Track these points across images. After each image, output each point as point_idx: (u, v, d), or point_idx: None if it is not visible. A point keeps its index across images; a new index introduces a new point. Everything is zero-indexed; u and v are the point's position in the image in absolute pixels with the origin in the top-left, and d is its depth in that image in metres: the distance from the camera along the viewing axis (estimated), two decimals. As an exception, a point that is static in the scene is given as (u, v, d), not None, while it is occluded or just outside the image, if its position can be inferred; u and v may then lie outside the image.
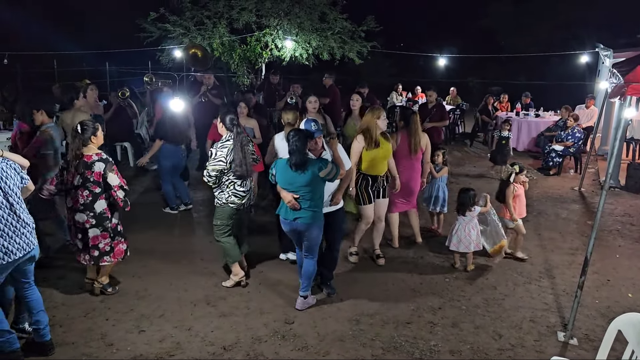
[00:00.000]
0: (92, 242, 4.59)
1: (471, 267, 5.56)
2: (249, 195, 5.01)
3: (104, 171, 4.46)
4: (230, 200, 4.86)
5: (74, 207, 4.52)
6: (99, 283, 4.84)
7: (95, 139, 4.53)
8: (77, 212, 4.51)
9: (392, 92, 15.21)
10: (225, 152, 4.72)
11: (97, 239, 4.60)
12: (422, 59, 22.08)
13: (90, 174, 4.44)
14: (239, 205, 4.91)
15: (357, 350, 4.06)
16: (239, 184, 4.86)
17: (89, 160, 4.45)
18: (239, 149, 4.78)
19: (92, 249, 4.61)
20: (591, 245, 4.18)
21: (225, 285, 5.08)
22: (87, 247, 4.61)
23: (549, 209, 7.72)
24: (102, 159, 4.49)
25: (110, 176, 4.49)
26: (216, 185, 4.84)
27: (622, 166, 9.02)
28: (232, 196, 4.86)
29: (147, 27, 11.88)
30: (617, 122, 8.34)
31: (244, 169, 4.81)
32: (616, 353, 3.27)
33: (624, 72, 4.56)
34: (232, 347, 4.07)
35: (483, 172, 10.00)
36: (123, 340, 4.13)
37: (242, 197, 4.91)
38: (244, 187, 4.91)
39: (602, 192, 4.13)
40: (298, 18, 11.72)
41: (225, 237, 4.97)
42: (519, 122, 12.07)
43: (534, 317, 4.58)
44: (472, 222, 5.50)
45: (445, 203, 6.52)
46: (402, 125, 5.92)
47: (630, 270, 5.61)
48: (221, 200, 4.89)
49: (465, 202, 5.50)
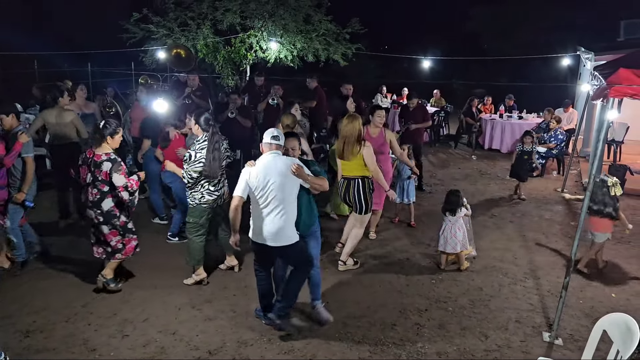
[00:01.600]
0: (106, 239, 4.78)
1: (465, 265, 5.59)
2: (222, 194, 5.05)
3: (109, 171, 4.59)
4: (203, 200, 4.90)
5: (85, 202, 4.79)
6: (102, 277, 4.90)
7: (111, 141, 4.69)
8: (87, 208, 4.75)
9: (376, 94, 15.23)
10: (204, 154, 4.76)
11: (109, 236, 4.78)
12: (407, 61, 22.19)
13: (98, 173, 4.61)
14: (212, 204, 4.97)
15: (344, 352, 4.04)
16: (213, 183, 4.91)
17: (98, 160, 4.61)
18: (211, 150, 4.79)
19: (106, 245, 4.81)
20: (575, 246, 4.21)
21: (186, 283, 5.06)
22: (101, 242, 4.81)
23: (533, 210, 7.79)
24: (110, 159, 4.63)
25: (115, 176, 4.59)
26: (191, 185, 4.86)
27: (603, 167, 9.13)
28: (206, 195, 4.91)
29: (130, 28, 11.75)
30: (598, 124, 8.45)
31: (212, 170, 4.81)
32: (601, 353, 3.29)
33: (606, 74, 4.61)
34: (217, 351, 4.02)
35: (468, 174, 10.06)
36: (106, 346, 4.06)
37: (216, 197, 4.97)
38: (217, 185, 4.97)
39: (586, 193, 4.17)
40: (282, 20, 11.67)
41: (197, 235, 5.00)
42: (503, 124, 12.17)
43: (520, 318, 4.61)
44: (458, 223, 5.53)
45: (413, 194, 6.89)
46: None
47: (613, 271, 5.67)
48: (195, 200, 4.92)
49: (452, 203, 5.52)
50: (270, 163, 4.06)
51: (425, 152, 11.28)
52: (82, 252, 5.80)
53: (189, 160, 4.78)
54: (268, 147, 4.15)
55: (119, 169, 4.61)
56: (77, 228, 6.60)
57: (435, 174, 9.89)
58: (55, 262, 5.57)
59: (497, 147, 12.19)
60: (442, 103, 14.56)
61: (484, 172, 10.26)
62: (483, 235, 6.65)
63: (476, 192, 8.78)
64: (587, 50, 9.24)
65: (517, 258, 5.96)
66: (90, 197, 4.67)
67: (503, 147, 12.12)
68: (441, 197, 8.30)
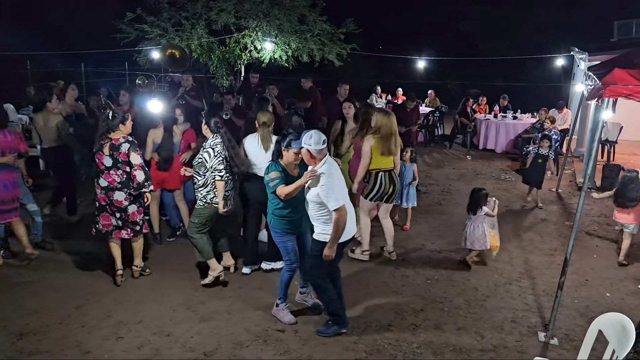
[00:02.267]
0: (131, 218, 4.99)
1: (472, 260, 5.69)
2: (230, 196, 5.01)
3: (127, 151, 4.81)
4: (215, 201, 4.85)
5: (109, 186, 4.87)
6: (137, 267, 5.24)
7: (124, 127, 4.91)
8: (116, 190, 4.87)
9: (371, 94, 15.23)
10: (219, 149, 4.80)
11: (135, 215, 5.01)
12: (402, 62, 22.21)
13: (118, 155, 4.82)
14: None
15: (340, 354, 4.02)
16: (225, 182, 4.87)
17: (116, 143, 4.83)
18: (231, 147, 4.89)
19: (133, 224, 5.02)
20: (571, 245, 4.22)
21: (204, 283, 5.02)
22: (127, 223, 4.99)
23: (528, 210, 7.81)
24: (128, 140, 4.88)
25: (133, 155, 4.83)
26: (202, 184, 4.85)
27: (597, 167, 9.17)
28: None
29: (124, 28, 11.69)
30: (593, 123, 8.49)
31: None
32: (597, 353, 3.29)
33: (601, 74, 4.63)
34: (213, 353, 4.00)
35: (463, 174, 10.08)
36: (100, 348, 4.03)
37: (226, 197, 4.92)
38: (227, 186, 4.92)
39: (581, 193, 4.18)
40: (277, 20, 11.66)
41: (199, 234, 4.96)
42: (497, 125, 12.21)
43: (515, 318, 4.61)
44: (478, 221, 5.59)
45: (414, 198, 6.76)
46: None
47: (608, 270, 5.69)
48: (205, 199, 4.87)
49: (473, 201, 5.63)
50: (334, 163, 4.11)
51: (420, 152, 11.32)
52: (76, 253, 5.78)
53: (208, 160, 4.77)
54: (323, 153, 4.01)
55: (136, 149, 4.88)
56: (70, 229, 6.56)
57: (430, 174, 9.90)
58: (48, 264, 5.52)
59: (492, 147, 12.23)
60: (437, 103, 14.57)
61: (479, 172, 10.28)
62: (478, 235, 6.66)
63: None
64: (581, 50, 9.26)
65: (512, 258, 5.97)
66: (117, 178, 4.86)
67: (498, 147, 12.16)
68: (436, 197, 8.39)
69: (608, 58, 6.10)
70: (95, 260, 5.64)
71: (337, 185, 3.96)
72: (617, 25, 12.35)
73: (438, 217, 7.38)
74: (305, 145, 3.97)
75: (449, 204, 8.10)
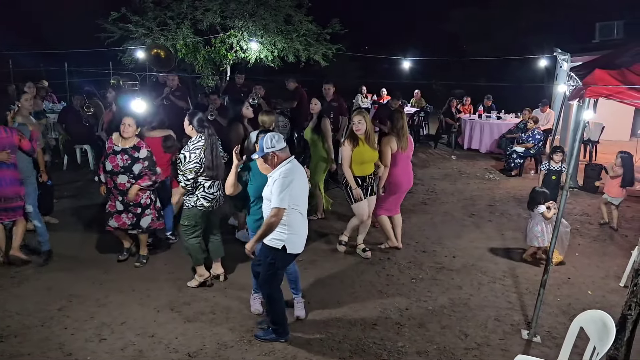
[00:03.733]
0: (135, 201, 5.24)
1: (528, 257, 5.82)
2: (218, 197, 4.94)
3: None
4: (199, 204, 4.79)
5: (113, 170, 5.12)
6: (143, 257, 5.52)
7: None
8: (119, 174, 5.11)
9: (357, 94, 15.28)
10: (198, 154, 4.67)
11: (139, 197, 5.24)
12: (387, 62, 22.31)
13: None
14: (208, 208, 4.84)
15: (325, 353, 4.02)
16: (208, 186, 4.79)
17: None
18: (210, 150, 4.73)
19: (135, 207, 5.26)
20: (553, 244, 4.27)
21: (189, 286, 5.00)
22: (129, 207, 5.22)
23: (512, 209, 7.88)
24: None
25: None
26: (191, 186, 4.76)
27: (579, 167, 9.29)
28: (202, 199, 4.79)
29: (108, 27, 11.59)
30: (575, 124, 8.59)
31: (215, 171, 4.77)
32: (578, 350, 3.33)
33: (582, 75, 4.67)
34: (197, 354, 3.97)
35: (447, 173, 10.15)
36: (82, 350, 3.98)
37: (211, 200, 4.85)
38: (213, 189, 4.84)
39: (563, 192, 4.22)
40: (263, 20, 11.65)
41: (192, 237, 4.89)
42: (482, 125, 12.32)
43: (499, 316, 4.65)
44: (537, 219, 5.70)
45: None
46: (390, 126, 5.84)
47: (590, 268, 5.76)
48: (190, 202, 4.81)
49: (531, 199, 5.78)
50: (299, 168, 3.96)
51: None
52: (57, 254, 5.70)
53: (183, 162, 4.66)
54: (286, 153, 3.92)
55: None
56: (54, 229, 6.47)
57: (415, 174, 9.89)
58: (30, 265, 5.45)
59: (476, 147, 12.34)
60: (422, 103, 14.66)
61: (463, 171, 10.36)
62: (462, 235, 6.71)
63: (455, 191, 8.85)
64: (564, 51, 9.36)
65: (495, 256, 6.02)
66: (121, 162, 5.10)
67: (482, 147, 12.28)
68: (421, 197, 8.43)
69: (590, 59, 6.16)
70: (79, 261, 5.57)
71: (294, 187, 3.78)
72: (599, 27, 12.53)
73: (423, 217, 7.42)
74: (270, 150, 3.81)
75: (434, 203, 8.15)
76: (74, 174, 9.10)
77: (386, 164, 5.69)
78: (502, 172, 10.29)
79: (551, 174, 6.94)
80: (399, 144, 5.74)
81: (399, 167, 5.83)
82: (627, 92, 4.45)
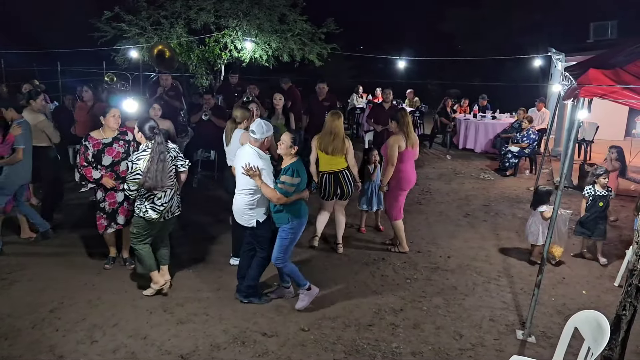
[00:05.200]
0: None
1: (536, 258, 5.79)
2: (169, 208, 4.70)
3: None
4: (147, 215, 4.59)
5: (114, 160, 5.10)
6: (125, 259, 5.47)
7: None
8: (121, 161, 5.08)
9: (352, 94, 15.26)
10: (140, 164, 4.45)
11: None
12: (382, 62, 22.30)
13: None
14: (156, 220, 4.63)
15: (319, 354, 4.00)
16: (158, 197, 4.58)
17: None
18: (156, 161, 4.48)
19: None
20: (547, 244, 4.26)
21: (145, 294, 4.83)
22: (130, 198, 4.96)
23: (506, 209, 7.88)
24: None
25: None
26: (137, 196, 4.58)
27: (574, 166, 9.31)
28: (150, 210, 4.58)
29: (101, 27, 11.52)
30: (569, 123, 8.60)
31: (156, 182, 4.48)
32: (573, 350, 3.32)
33: (576, 75, 4.67)
34: (190, 356, 3.94)
35: (442, 173, 10.14)
36: (74, 352, 3.94)
37: (160, 212, 4.62)
38: (163, 199, 4.62)
39: (558, 192, 4.22)
40: (257, 19, 11.59)
41: (140, 244, 4.72)
42: (476, 124, 12.32)
43: (493, 316, 4.64)
44: (536, 217, 5.75)
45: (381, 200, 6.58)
46: (395, 125, 5.82)
47: (584, 267, 5.76)
48: (139, 212, 4.61)
49: (536, 198, 5.83)
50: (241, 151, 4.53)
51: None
52: (48, 255, 5.66)
53: (127, 172, 4.58)
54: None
55: None
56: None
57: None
58: (21, 267, 5.40)
59: (471, 147, 12.34)
60: (417, 103, 14.65)
61: (458, 171, 10.35)
62: (457, 235, 6.70)
63: (450, 191, 8.84)
64: (558, 51, 9.39)
65: (490, 257, 6.01)
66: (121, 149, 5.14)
67: (477, 147, 12.28)
68: (416, 196, 8.41)
69: (584, 59, 6.17)
70: (70, 262, 5.53)
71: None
72: (593, 27, 12.54)
73: (418, 217, 7.40)
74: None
75: (429, 203, 8.14)
76: (67, 174, 9.02)
77: (392, 162, 5.71)
78: (497, 171, 10.29)
79: (597, 200, 5.85)
80: (408, 141, 5.79)
81: (408, 163, 5.90)
82: (621, 92, 4.46)
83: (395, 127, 5.85)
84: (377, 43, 23.01)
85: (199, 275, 5.31)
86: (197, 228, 6.57)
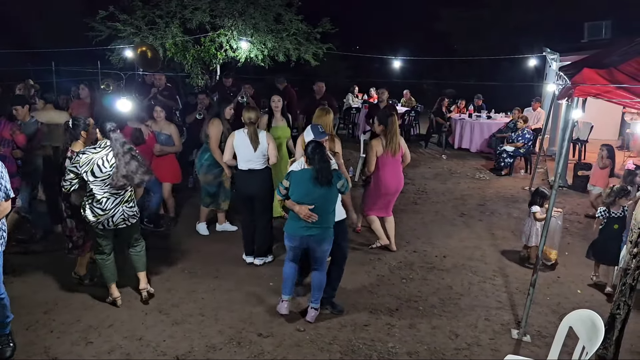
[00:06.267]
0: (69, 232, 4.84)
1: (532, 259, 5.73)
2: (109, 216, 4.35)
3: None
4: (85, 214, 4.34)
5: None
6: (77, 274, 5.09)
7: (85, 134, 4.60)
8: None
9: (348, 93, 15.26)
10: (82, 161, 4.18)
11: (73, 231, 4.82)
12: (378, 61, 22.33)
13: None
14: (95, 223, 4.34)
15: (315, 355, 4.00)
16: (97, 199, 4.27)
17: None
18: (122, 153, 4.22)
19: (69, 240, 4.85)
20: (542, 243, 4.27)
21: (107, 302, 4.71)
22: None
23: (502, 208, 7.90)
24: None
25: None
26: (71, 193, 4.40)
27: (569, 166, 9.34)
28: (88, 210, 4.31)
29: (96, 26, 11.48)
30: (564, 123, 8.62)
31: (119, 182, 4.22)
32: (567, 349, 3.33)
33: (571, 74, 4.68)
34: (185, 356, 3.93)
35: (438, 173, 10.15)
36: (68, 353, 3.93)
37: (99, 215, 4.31)
38: (106, 204, 4.30)
39: (552, 191, 4.23)
40: (253, 19, 11.58)
41: (99, 254, 4.54)
42: (472, 124, 12.34)
43: (489, 316, 4.65)
44: (529, 218, 5.79)
45: None
46: (384, 129, 5.77)
47: (579, 266, 5.77)
48: (82, 211, 4.40)
49: (532, 198, 5.82)
50: None
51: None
52: (43, 257, 5.63)
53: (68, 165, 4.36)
54: None
55: None
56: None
57: (405, 173, 9.87)
58: (15, 268, 5.36)
59: (467, 147, 12.36)
60: (413, 103, 14.66)
61: (454, 171, 10.37)
62: (453, 234, 6.71)
63: (446, 191, 8.85)
64: (553, 51, 9.42)
65: (486, 256, 6.02)
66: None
67: (472, 147, 12.30)
68: (412, 196, 8.42)
69: (579, 58, 6.19)
70: (65, 263, 5.48)
71: None
72: (587, 27, 12.57)
73: (413, 217, 7.41)
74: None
75: (425, 203, 8.15)
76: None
77: (369, 168, 5.74)
78: (493, 171, 10.31)
79: (612, 223, 5.24)
80: (388, 147, 5.71)
81: (386, 169, 5.79)
82: (615, 92, 4.47)
83: (380, 130, 5.79)
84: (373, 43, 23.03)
85: (194, 276, 5.30)
86: (192, 228, 6.54)
